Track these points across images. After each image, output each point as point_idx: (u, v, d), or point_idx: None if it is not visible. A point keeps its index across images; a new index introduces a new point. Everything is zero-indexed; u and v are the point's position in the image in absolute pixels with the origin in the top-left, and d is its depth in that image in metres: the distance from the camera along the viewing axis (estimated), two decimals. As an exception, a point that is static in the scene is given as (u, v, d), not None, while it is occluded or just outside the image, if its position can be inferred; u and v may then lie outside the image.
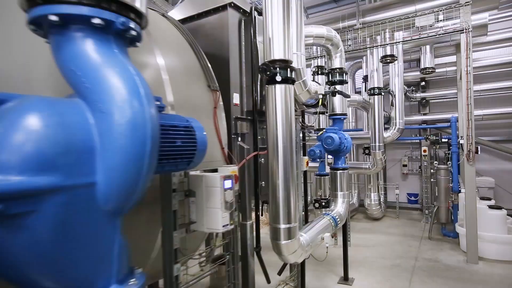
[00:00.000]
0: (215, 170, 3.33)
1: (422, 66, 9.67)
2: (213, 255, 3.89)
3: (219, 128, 3.70)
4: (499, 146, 10.11)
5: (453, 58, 10.14)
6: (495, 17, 9.70)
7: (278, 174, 3.53)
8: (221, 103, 3.87)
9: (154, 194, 2.74)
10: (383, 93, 8.92)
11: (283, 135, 3.53)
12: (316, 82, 4.74)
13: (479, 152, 6.86)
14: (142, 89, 1.61)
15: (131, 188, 1.59)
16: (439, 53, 10.15)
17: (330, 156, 5.94)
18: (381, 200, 11.26)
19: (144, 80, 1.67)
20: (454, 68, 10.17)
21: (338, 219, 5.13)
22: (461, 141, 7.19)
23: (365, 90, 9.41)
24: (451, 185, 7.89)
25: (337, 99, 5.71)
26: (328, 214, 5.08)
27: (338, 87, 5.63)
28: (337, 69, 5.64)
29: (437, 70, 10.36)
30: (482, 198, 7.56)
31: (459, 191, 7.61)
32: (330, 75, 5.69)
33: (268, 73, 3.44)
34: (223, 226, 2.69)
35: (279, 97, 3.51)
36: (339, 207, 5.53)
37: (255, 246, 4.07)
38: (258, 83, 3.99)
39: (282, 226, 3.54)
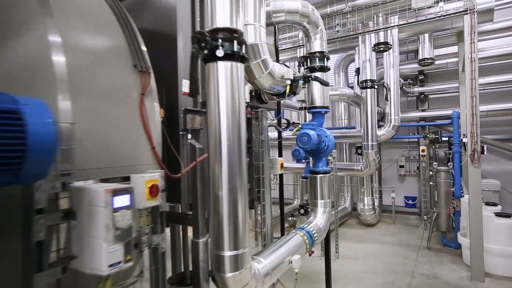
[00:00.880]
0: (127, 178, 2.42)
1: (420, 57, 8.74)
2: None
3: (147, 120, 2.78)
4: (505, 145, 9.18)
5: (454, 49, 9.24)
6: (500, 3, 8.78)
7: (220, 182, 2.61)
8: (154, 88, 2.97)
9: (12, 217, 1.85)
10: (376, 87, 8.01)
11: (228, 131, 2.61)
12: (284, 65, 3.82)
13: (485, 152, 5.93)
14: None
15: None
16: (439, 43, 9.24)
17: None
18: (375, 204, 10.35)
19: None
20: (456, 59, 9.24)
21: (316, 235, 4.21)
22: (464, 140, 6.28)
23: (358, 84, 8.49)
24: (452, 189, 6.97)
25: (317, 89, 4.80)
26: (303, 229, 4.16)
27: (318, 74, 4.71)
28: (317, 53, 4.74)
29: (436, 62, 9.44)
30: (488, 204, 6.64)
31: (462, 196, 6.69)
32: (309, 60, 4.78)
33: (204, 45, 2.51)
34: (110, 266, 1.77)
35: (223, 79, 2.60)
36: (319, 219, 4.62)
37: (210, 269, 3.17)
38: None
39: (227, 253, 2.62)
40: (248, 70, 3.18)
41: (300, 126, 4.66)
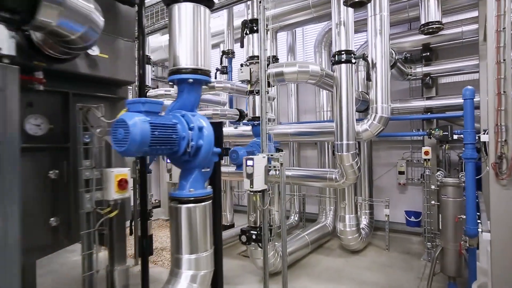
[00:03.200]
0: None
1: (422, 21, 6.17)
2: None
3: None
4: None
5: (471, 14, 6.65)
6: None
7: None
8: None
9: None
10: (354, 61, 5.55)
11: None
12: None
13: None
14: None
15: None
16: (449, 6, 6.65)
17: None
18: (364, 223, 7.86)
19: None
20: (474, 26, 6.63)
21: None
22: (484, 138, 3.78)
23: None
24: (462, 217, 4.42)
25: (185, 37, 2.46)
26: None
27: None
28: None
29: (448, 32, 6.87)
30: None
31: (477, 235, 4.14)
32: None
33: None
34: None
35: None
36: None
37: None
38: None
39: None
40: None
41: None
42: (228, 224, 9.17)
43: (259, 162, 4.63)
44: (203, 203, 2.46)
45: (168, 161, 2.74)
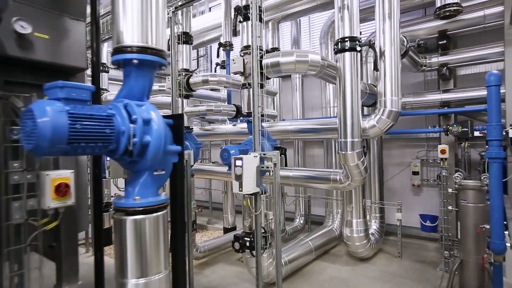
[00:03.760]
0: None
1: (439, 4, 5.50)
2: None
3: None
4: None
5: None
6: None
7: None
8: None
9: None
10: (359, 49, 4.95)
11: None
12: None
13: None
14: None
15: None
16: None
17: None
18: (374, 228, 7.24)
19: None
20: (499, 9, 5.91)
21: None
22: (512, 134, 3.15)
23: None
24: (485, 227, 3.77)
25: (131, 6, 1.98)
26: None
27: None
28: None
29: (467, 16, 6.17)
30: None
31: (505, 251, 3.49)
32: None
33: None
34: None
35: None
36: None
37: None
38: None
39: None
40: None
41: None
42: (229, 226, 8.71)
43: (249, 162, 4.13)
44: (155, 214, 1.98)
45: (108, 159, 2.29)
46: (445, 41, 6.74)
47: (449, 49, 6.85)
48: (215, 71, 8.20)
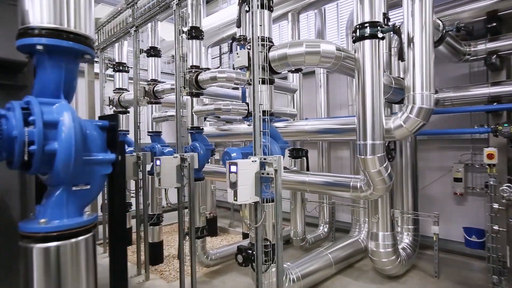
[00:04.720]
0: None
1: (483, -21, 4.56)
2: None
3: None
4: None
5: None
6: None
7: None
8: None
9: None
10: (381, 35, 4.23)
11: None
12: None
13: None
14: None
15: None
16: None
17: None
18: (403, 242, 6.36)
19: None
20: None
21: None
22: None
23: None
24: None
25: None
26: None
27: None
28: None
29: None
30: None
31: None
32: None
33: None
34: None
35: None
36: None
37: None
38: None
39: None
40: None
41: None
42: (249, 232, 8.27)
43: (245, 167, 3.65)
44: (73, 240, 1.57)
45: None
46: (495, 24, 5.66)
47: (501, 33, 5.75)
48: (234, 68, 7.80)
